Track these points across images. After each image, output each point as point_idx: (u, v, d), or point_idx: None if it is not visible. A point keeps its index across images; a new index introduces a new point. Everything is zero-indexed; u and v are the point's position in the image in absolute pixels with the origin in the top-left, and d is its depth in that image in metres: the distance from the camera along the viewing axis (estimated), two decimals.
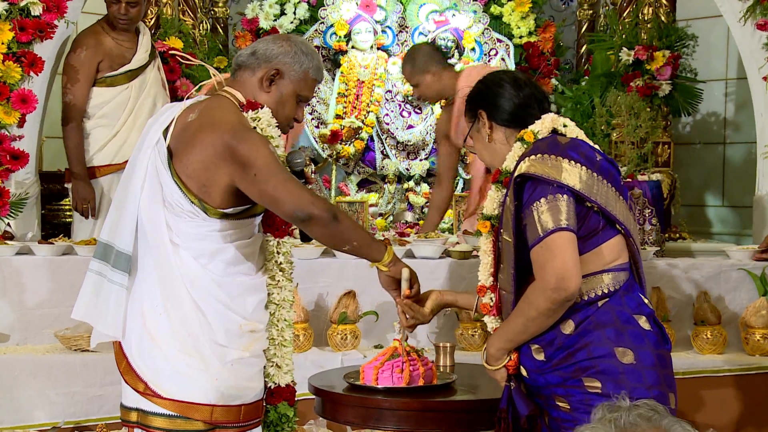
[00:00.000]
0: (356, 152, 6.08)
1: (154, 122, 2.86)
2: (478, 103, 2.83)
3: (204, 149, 2.71)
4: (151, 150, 2.79)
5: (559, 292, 2.53)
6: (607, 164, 2.68)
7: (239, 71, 2.89)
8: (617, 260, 2.66)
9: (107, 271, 2.80)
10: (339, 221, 2.73)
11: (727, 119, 6.65)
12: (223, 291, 2.77)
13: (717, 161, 6.70)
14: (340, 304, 4.36)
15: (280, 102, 2.86)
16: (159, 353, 2.76)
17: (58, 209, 6.05)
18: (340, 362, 4.19)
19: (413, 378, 3.02)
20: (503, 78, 2.83)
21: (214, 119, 2.75)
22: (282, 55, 2.85)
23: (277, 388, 2.92)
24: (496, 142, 2.80)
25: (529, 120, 2.76)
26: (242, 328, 2.79)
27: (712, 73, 6.53)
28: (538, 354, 2.64)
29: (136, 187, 2.79)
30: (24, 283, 4.39)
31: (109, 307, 2.80)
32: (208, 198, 2.73)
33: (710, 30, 6.45)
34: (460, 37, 6.19)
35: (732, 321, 4.51)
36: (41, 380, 4.13)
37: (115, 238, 2.81)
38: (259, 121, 2.79)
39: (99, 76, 5.08)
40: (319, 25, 6.24)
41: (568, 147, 2.63)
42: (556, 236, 2.53)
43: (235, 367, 2.78)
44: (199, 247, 2.75)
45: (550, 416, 2.65)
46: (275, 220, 2.86)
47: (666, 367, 2.64)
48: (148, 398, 2.76)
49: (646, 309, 2.67)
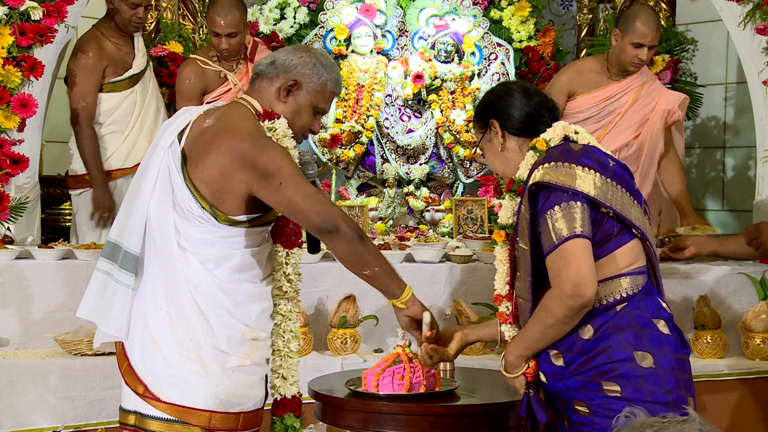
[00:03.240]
0: (356, 156, 6.08)
1: (170, 125, 2.86)
2: (489, 113, 2.84)
3: (221, 155, 2.71)
4: (164, 152, 2.79)
5: (575, 299, 2.54)
6: (620, 169, 2.70)
7: (257, 80, 2.89)
8: (635, 264, 2.67)
9: (114, 270, 2.80)
10: (364, 242, 2.74)
11: (726, 123, 6.65)
12: (227, 297, 2.77)
13: (717, 165, 6.70)
14: (340, 309, 4.36)
15: (296, 112, 2.86)
16: (160, 356, 2.76)
17: (59, 213, 6.05)
18: (340, 366, 4.19)
19: (414, 385, 3.02)
20: (513, 87, 2.85)
21: (231, 126, 2.75)
22: (301, 66, 2.85)
23: (283, 399, 2.92)
24: (508, 151, 2.81)
25: (540, 128, 2.77)
26: (244, 335, 2.79)
27: (712, 77, 6.54)
28: (557, 359, 2.65)
29: (147, 189, 2.79)
30: (24, 287, 4.38)
31: (114, 307, 2.80)
32: (221, 204, 2.73)
33: (710, 34, 6.46)
34: (460, 42, 6.19)
35: (732, 325, 4.51)
36: (41, 384, 4.13)
37: (124, 238, 2.81)
38: (275, 131, 2.79)
39: (104, 82, 5.10)
40: (319, 30, 6.24)
41: (581, 154, 2.64)
42: (570, 243, 2.55)
43: (235, 375, 2.78)
44: (206, 252, 2.75)
45: (570, 420, 2.67)
46: (285, 230, 2.86)
47: (685, 371, 2.66)
48: (146, 401, 2.76)
49: (665, 313, 2.69)
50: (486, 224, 5.49)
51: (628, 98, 4.82)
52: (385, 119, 6.18)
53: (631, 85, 4.87)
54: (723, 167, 6.67)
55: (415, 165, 6.22)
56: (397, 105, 6.24)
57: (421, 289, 4.54)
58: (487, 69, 6.28)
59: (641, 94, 4.86)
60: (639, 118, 4.82)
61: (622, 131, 4.83)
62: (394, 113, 6.22)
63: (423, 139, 6.19)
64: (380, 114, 6.14)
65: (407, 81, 6.16)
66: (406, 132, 6.22)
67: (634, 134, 4.86)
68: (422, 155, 6.24)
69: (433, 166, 6.25)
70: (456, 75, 6.13)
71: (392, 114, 6.21)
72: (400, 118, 6.24)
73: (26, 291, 4.39)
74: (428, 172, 6.22)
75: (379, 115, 6.13)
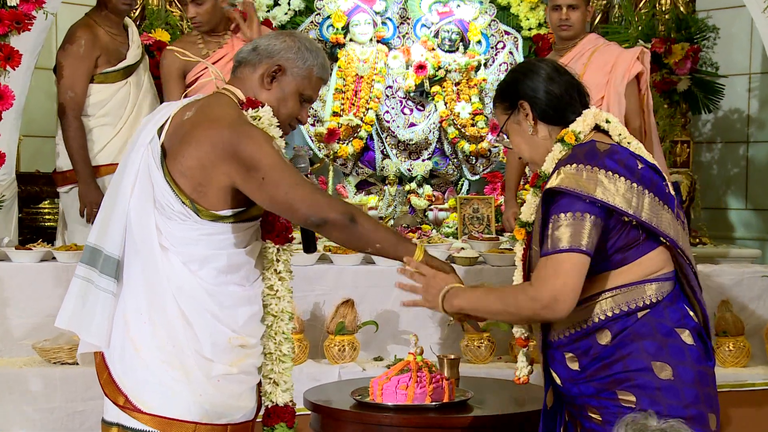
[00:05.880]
0: (355, 152, 6.09)
1: (149, 121, 2.88)
2: (518, 94, 2.83)
3: (200, 145, 2.72)
4: (144, 149, 2.80)
5: (547, 310, 2.59)
6: (649, 171, 2.69)
7: (239, 68, 2.91)
8: (662, 270, 2.68)
9: (95, 276, 2.81)
10: (357, 223, 2.75)
11: (750, 116, 6.66)
12: (213, 300, 2.77)
13: (739, 161, 6.71)
14: (338, 314, 4.36)
15: (281, 100, 2.87)
16: (141, 363, 2.76)
17: (37, 213, 6.05)
18: (338, 376, 4.20)
19: (418, 396, 3.02)
20: (542, 66, 2.84)
21: (211, 115, 2.77)
22: (285, 50, 2.87)
23: (274, 407, 2.91)
24: (538, 136, 2.81)
25: (570, 116, 2.77)
26: (231, 341, 2.79)
27: (735, 67, 6.54)
28: (572, 363, 2.67)
29: (126, 188, 2.80)
30: (0, 291, 4.39)
31: (95, 315, 2.80)
32: (202, 199, 2.73)
33: (732, 21, 6.46)
34: (465, 30, 6.20)
35: (756, 332, 4.51)
36: (18, 395, 4.13)
37: (104, 242, 2.82)
38: (259, 120, 2.80)
39: (95, 72, 5.11)
40: (315, 17, 6.25)
41: (607, 155, 2.64)
42: (566, 256, 2.57)
43: (221, 384, 2.78)
44: (189, 252, 2.75)
45: (583, 426, 2.69)
46: (275, 225, 2.86)
47: (707, 385, 2.65)
48: (128, 413, 2.76)
49: (691, 322, 2.69)
50: (493, 224, 5.50)
51: (581, 63, 4.85)
52: (386, 112, 6.19)
53: (580, 51, 4.92)
54: (746, 163, 6.67)
55: (418, 161, 6.23)
56: (398, 97, 6.24)
57: None
58: (494, 59, 6.29)
59: (594, 57, 4.90)
60: (598, 81, 4.84)
61: None
62: (395, 106, 6.23)
63: (426, 134, 6.20)
64: (380, 107, 6.15)
65: (409, 72, 6.17)
66: (408, 126, 6.23)
67: (599, 96, 4.87)
68: (425, 151, 6.25)
69: (437, 163, 6.26)
70: (461, 65, 6.14)
71: (393, 107, 6.22)
72: (401, 111, 6.24)
73: (2, 295, 4.39)
74: (431, 168, 6.23)
75: (379, 108, 6.14)
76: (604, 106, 4.82)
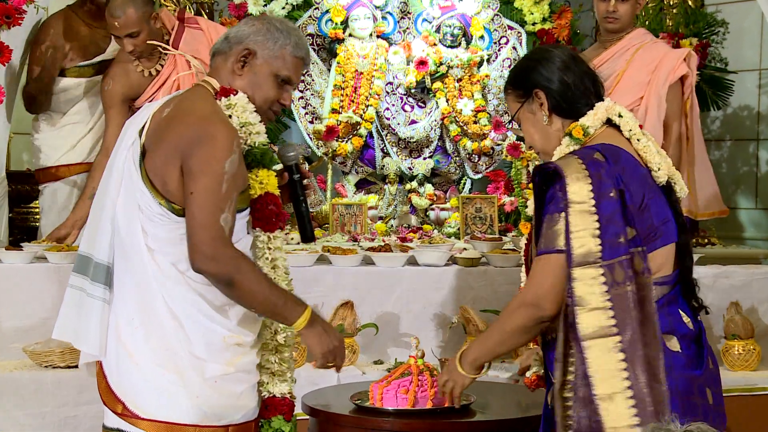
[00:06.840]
0: (354, 150, 6.08)
1: (131, 124, 2.92)
2: (532, 82, 2.83)
3: (169, 142, 2.74)
4: (126, 152, 2.84)
5: (533, 308, 2.66)
6: (651, 180, 2.73)
7: (214, 58, 2.96)
8: (656, 273, 2.69)
9: (87, 284, 2.84)
10: (234, 287, 2.70)
11: (760, 113, 6.65)
12: (204, 300, 2.78)
13: (749, 159, 6.71)
14: (337, 316, 4.36)
15: (255, 84, 2.89)
16: (135, 369, 2.77)
17: (28, 212, 6.06)
18: (337, 379, 4.19)
19: (418, 400, 3.02)
20: (557, 54, 2.84)
21: (185, 109, 2.80)
22: (254, 33, 2.90)
23: (271, 399, 2.90)
24: (551, 127, 2.82)
25: (582, 108, 2.77)
26: (226, 341, 2.80)
27: (745, 62, 6.54)
28: None
29: (112, 193, 2.84)
30: None
31: (91, 324, 2.83)
32: (173, 196, 2.75)
33: (743, 16, 6.46)
34: (468, 24, 6.20)
35: (766, 334, 4.51)
36: (8, 399, 4.13)
37: (93, 249, 2.86)
38: (233, 107, 2.82)
39: (69, 65, 5.08)
40: (313, 11, 6.24)
41: (605, 172, 2.66)
42: (554, 257, 2.62)
43: (218, 384, 2.78)
44: (175, 252, 2.76)
45: None
46: (264, 212, 2.85)
47: (691, 393, 2.65)
48: (126, 420, 2.78)
49: (682, 328, 2.69)
50: (496, 224, 5.50)
51: (624, 59, 4.81)
52: (386, 109, 6.18)
53: (625, 46, 4.86)
54: (756, 161, 6.67)
55: (419, 159, 6.22)
56: (398, 94, 6.24)
57: (424, 294, 4.57)
58: (497, 54, 6.28)
59: (638, 54, 4.85)
60: (640, 79, 4.81)
61: (623, 95, 4.79)
62: (395, 103, 6.22)
63: (427, 131, 6.19)
64: (380, 104, 6.14)
65: (410, 67, 6.16)
66: (409, 123, 6.22)
67: (638, 96, 4.84)
68: (426, 149, 6.24)
69: (438, 161, 6.25)
70: (463, 61, 6.13)
71: (393, 104, 6.21)
72: (402, 108, 6.24)
73: None
74: (433, 167, 6.22)
75: (379, 105, 6.13)
76: (642, 106, 4.79)
